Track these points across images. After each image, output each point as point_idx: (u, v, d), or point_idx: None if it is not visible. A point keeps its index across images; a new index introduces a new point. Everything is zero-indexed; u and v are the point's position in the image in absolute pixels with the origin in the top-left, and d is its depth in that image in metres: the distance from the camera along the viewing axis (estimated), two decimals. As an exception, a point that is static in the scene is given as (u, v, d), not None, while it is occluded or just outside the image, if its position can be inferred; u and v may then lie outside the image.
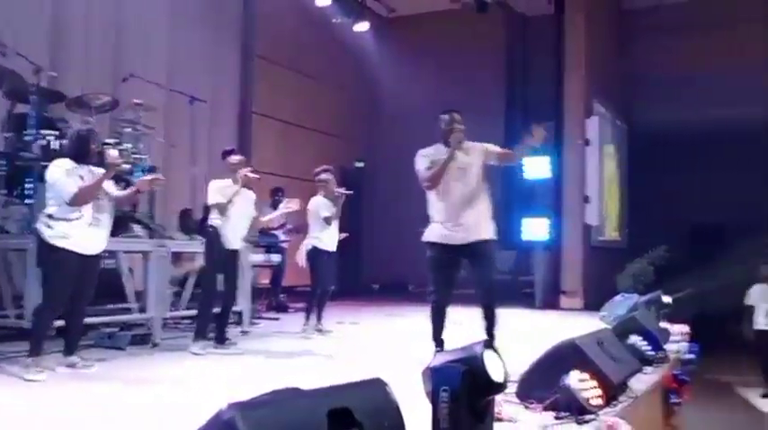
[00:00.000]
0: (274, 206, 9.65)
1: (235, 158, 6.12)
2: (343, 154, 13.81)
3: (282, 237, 9.34)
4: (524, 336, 6.48)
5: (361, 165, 14.72)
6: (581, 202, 11.95)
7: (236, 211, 5.99)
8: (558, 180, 11.92)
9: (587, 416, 3.16)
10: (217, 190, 5.95)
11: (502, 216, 14.36)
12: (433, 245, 5.04)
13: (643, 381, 4.26)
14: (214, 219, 5.94)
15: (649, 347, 4.70)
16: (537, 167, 11.97)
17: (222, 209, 5.88)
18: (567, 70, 11.95)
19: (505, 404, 3.26)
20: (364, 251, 14.25)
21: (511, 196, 13.95)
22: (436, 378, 2.56)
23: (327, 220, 7.05)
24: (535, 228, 11.95)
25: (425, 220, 5.19)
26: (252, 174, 6.06)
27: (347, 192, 7.23)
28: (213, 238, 5.94)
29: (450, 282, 5.04)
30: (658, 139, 14.82)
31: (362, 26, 12.96)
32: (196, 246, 6.75)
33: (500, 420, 2.99)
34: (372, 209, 14.61)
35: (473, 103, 14.03)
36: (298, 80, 12.99)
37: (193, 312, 6.26)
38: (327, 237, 7.12)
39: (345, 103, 14.43)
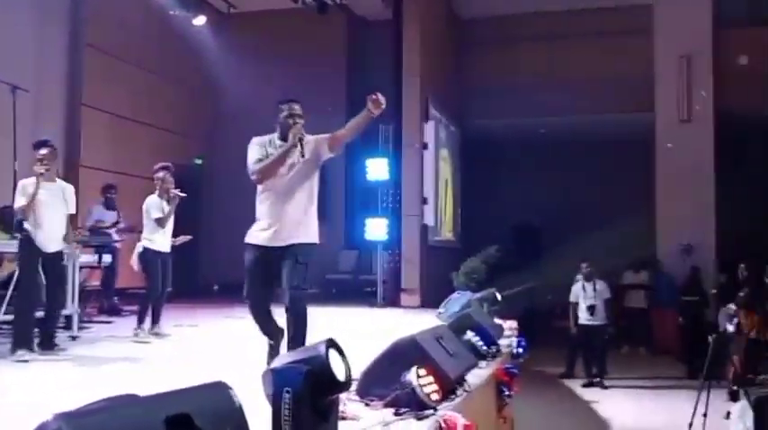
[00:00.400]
0: (107, 204, 9.19)
1: (42, 151, 5.69)
2: (182, 150, 13.38)
3: (115, 237, 8.90)
4: (366, 334, 6.56)
5: (199, 162, 14.33)
6: (419, 204, 12.31)
7: (49, 211, 5.63)
8: (398, 182, 12.22)
9: (426, 412, 3.22)
10: (21, 190, 5.56)
11: (346, 216, 14.57)
12: (252, 246, 4.61)
13: (478, 376, 4.43)
14: (26, 223, 5.53)
15: (484, 343, 4.88)
16: (378, 169, 12.22)
17: (26, 211, 5.49)
18: (405, 74, 12.29)
19: (348, 402, 3.27)
20: (203, 251, 13.87)
21: (354, 197, 14.14)
22: (278, 379, 2.52)
23: (159, 222, 6.77)
24: (376, 229, 12.17)
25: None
26: (41, 169, 5.60)
27: (181, 194, 6.95)
28: (26, 243, 5.55)
29: (269, 286, 4.65)
30: (487, 145, 15.61)
31: (200, 20, 12.62)
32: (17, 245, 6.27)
33: (344, 418, 2.99)
34: (212, 207, 14.25)
35: (314, 102, 13.92)
36: (133, 72, 12.40)
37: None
38: (160, 238, 6.85)
39: (184, 98, 13.96)
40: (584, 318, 9.46)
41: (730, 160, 12.91)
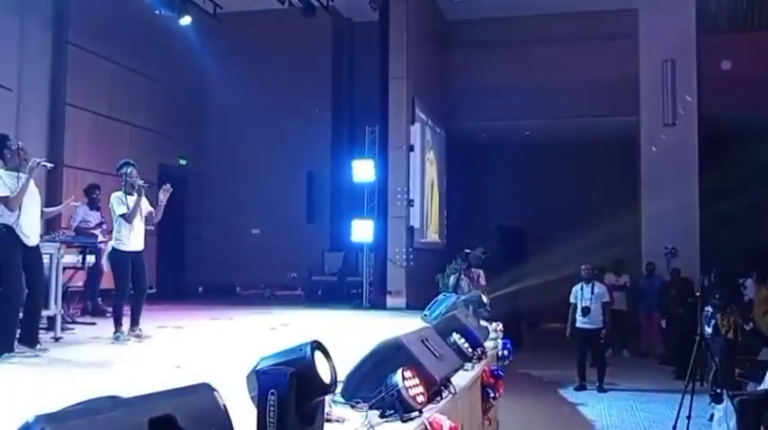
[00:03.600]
0: (91, 204, 9.11)
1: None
2: (167, 151, 13.31)
3: (101, 238, 8.81)
4: (351, 336, 6.55)
5: (184, 162, 14.26)
6: (405, 205, 12.31)
7: (31, 204, 5.58)
8: (384, 183, 12.21)
9: (412, 414, 3.21)
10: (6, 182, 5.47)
11: (332, 218, 14.54)
12: None
13: (464, 378, 4.42)
14: (7, 215, 5.44)
15: (469, 345, 4.87)
16: (364, 171, 12.22)
17: (13, 203, 5.42)
18: (391, 76, 12.28)
19: (333, 404, 3.25)
20: (188, 253, 13.80)
21: (341, 198, 14.12)
22: (263, 381, 2.49)
23: (125, 218, 6.58)
24: (362, 230, 12.17)
25: (256, 220, 4.93)
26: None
27: (144, 184, 6.73)
28: (8, 235, 5.43)
29: None
30: (472, 147, 15.66)
31: (186, 20, 12.53)
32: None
33: (329, 421, 2.98)
34: (198, 208, 14.17)
35: (301, 103, 14.06)
36: (117, 72, 12.32)
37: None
38: (130, 237, 6.64)
39: (169, 97, 13.87)
40: (578, 320, 9.45)
41: (714, 162, 13.01)
